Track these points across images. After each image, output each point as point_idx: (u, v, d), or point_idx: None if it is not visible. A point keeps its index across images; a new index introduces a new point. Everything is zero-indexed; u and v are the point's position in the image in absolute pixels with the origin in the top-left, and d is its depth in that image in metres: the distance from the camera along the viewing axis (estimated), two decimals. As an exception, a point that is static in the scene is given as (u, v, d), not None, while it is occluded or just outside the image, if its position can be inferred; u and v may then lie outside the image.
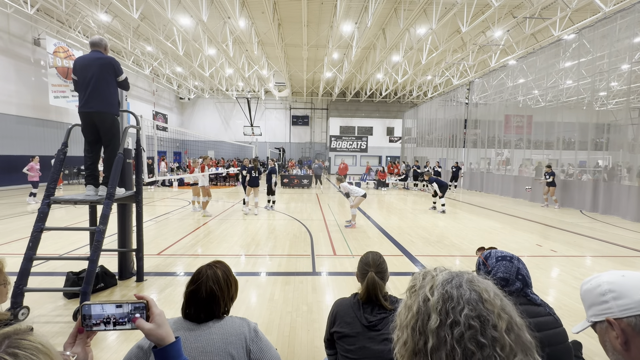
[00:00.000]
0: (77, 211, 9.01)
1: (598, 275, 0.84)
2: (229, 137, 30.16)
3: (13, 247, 5.56)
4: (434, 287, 0.68)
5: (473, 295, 0.65)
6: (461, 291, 0.65)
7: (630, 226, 8.34)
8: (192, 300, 1.32)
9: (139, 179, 4.14)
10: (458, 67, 20.64)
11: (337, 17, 13.00)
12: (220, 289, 1.33)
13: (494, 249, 1.65)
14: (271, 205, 9.99)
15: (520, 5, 13.22)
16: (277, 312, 3.40)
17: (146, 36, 17.47)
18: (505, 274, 1.46)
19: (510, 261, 1.50)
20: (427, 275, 0.73)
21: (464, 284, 0.67)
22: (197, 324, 1.28)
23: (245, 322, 1.34)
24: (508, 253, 1.54)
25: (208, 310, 1.31)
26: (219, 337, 1.25)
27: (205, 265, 1.41)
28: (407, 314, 0.70)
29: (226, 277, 1.38)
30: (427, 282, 0.71)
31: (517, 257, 1.52)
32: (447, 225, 8.17)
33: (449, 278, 0.69)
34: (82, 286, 3.07)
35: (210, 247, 5.81)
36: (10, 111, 14.23)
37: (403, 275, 4.57)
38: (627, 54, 10.28)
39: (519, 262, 1.50)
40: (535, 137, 14.18)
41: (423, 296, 0.68)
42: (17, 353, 0.55)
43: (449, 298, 0.65)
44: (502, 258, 1.51)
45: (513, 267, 1.48)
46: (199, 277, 1.35)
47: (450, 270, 0.73)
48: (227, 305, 1.37)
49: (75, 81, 3.74)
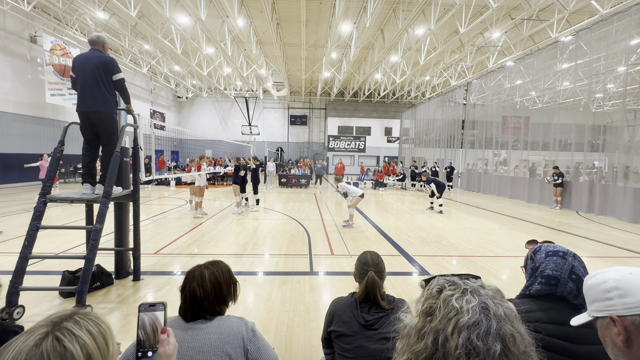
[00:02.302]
0: (74, 210, 8.96)
1: (604, 270, 0.82)
2: (226, 137, 30.10)
3: (9, 246, 5.52)
4: (457, 329, 0.60)
5: (500, 348, 0.58)
6: (488, 344, 0.57)
7: (626, 227, 8.40)
8: (181, 300, 1.34)
9: (136, 178, 4.12)
10: (456, 68, 20.71)
11: (336, 17, 13.01)
12: (203, 290, 1.30)
13: (550, 242, 1.40)
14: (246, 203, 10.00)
15: (518, 6, 13.28)
16: (275, 312, 3.39)
17: (144, 34, 17.41)
18: (556, 272, 1.25)
19: (563, 257, 1.27)
20: (450, 304, 0.64)
21: (492, 331, 0.59)
22: (193, 322, 1.29)
23: (242, 321, 1.33)
24: (562, 248, 1.32)
25: (193, 311, 1.30)
26: (216, 336, 1.25)
27: (197, 266, 1.40)
28: (417, 339, 0.64)
29: (214, 278, 1.35)
30: (449, 317, 0.62)
31: (573, 254, 1.29)
32: (444, 225, 8.19)
33: (477, 321, 0.60)
34: (78, 285, 3.05)
35: (208, 247, 5.80)
36: (7, 109, 14.13)
37: (400, 275, 4.58)
38: (623, 56, 10.35)
39: (575, 259, 1.26)
40: (532, 138, 14.27)
41: (443, 337, 0.60)
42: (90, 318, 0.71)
43: (473, 352, 0.57)
44: (554, 253, 1.29)
45: (566, 265, 1.25)
46: (186, 277, 1.37)
47: (475, 297, 0.63)
48: (214, 306, 1.33)
49: (74, 79, 3.72)
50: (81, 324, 0.69)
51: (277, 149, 31.02)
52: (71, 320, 0.69)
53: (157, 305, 0.98)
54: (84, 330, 0.68)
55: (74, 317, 0.70)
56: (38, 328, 0.66)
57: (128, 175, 4.40)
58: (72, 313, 0.71)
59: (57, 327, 0.66)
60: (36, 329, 0.66)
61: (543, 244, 1.38)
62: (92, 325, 0.70)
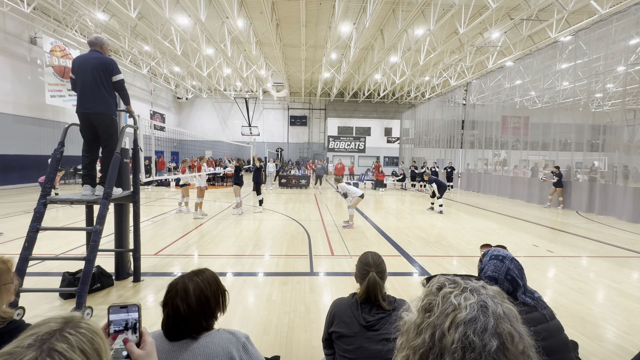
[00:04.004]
0: (74, 211, 8.95)
1: None
2: (226, 137, 30.11)
3: (8, 247, 5.52)
4: (454, 324, 0.60)
5: (496, 345, 0.57)
6: (484, 340, 0.57)
7: (626, 227, 8.40)
8: (164, 316, 1.20)
9: (136, 179, 4.12)
10: (456, 68, 20.73)
11: (336, 17, 13.01)
12: (188, 307, 1.17)
13: (503, 247, 1.61)
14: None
15: (518, 7, 13.29)
16: (275, 313, 3.39)
17: (144, 35, 17.42)
18: (494, 274, 1.45)
19: (501, 261, 1.47)
20: (448, 300, 0.64)
21: (489, 328, 0.58)
22: (177, 342, 1.16)
23: (234, 337, 1.20)
24: (503, 252, 1.52)
25: (177, 330, 1.18)
26: (202, 358, 1.13)
27: (180, 277, 1.26)
28: (415, 334, 0.64)
29: (200, 291, 1.21)
30: (446, 312, 0.62)
31: (511, 258, 1.49)
32: (444, 225, 8.19)
33: (474, 318, 0.60)
34: (78, 286, 3.05)
35: (208, 248, 5.80)
36: (7, 110, 14.13)
37: (401, 276, 4.58)
38: (622, 56, 10.36)
39: (512, 262, 1.47)
40: (532, 138, 14.27)
41: (440, 331, 0.60)
42: (82, 332, 0.65)
43: (469, 347, 0.57)
44: (495, 257, 1.50)
45: (503, 267, 1.45)
46: (169, 291, 1.22)
47: (474, 295, 0.63)
48: (201, 323, 1.20)
49: (73, 80, 3.72)
50: (73, 343, 0.61)
51: (277, 149, 31.02)
52: (62, 339, 0.61)
53: (129, 307, 0.92)
54: (77, 351, 0.61)
55: (64, 333, 0.62)
56: (24, 350, 0.58)
57: (128, 177, 4.40)
58: (62, 327, 0.64)
59: (47, 351, 0.58)
60: (23, 351, 0.58)
61: (491, 248, 1.58)
62: (86, 342, 0.63)
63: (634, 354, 2.58)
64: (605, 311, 3.60)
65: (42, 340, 0.60)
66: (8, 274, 1.44)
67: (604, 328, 3.22)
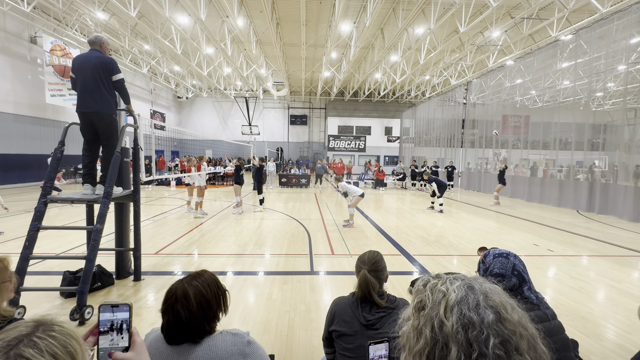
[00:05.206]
0: (74, 210, 8.96)
1: None
2: (227, 137, 30.11)
3: (9, 246, 5.53)
4: (449, 308, 0.60)
5: (493, 316, 0.58)
6: (480, 313, 0.58)
7: (626, 226, 8.39)
8: (164, 322, 1.18)
9: (136, 178, 4.12)
10: (456, 67, 20.70)
11: (336, 16, 13.00)
12: (189, 313, 1.14)
13: (496, 248, 1.69)
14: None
15: (518, 5, 13.26)
16: (275, 312, 3.39)
17: (144, 35, 17.40)
18: (501, 270, 1.50)
19: (506, 258, 1.53)
20: (436, 289, 0.65)
21: (481, 302, 0.60)
22: (178, 346, 1.14)
23: (237, 338, 1.18)
24: (505, 250, 1.58)
25: (178, 335, 1.16)
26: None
27: (179, 282, 1.23)
28: (416, 338, 0.63)
29: (201, 296, 1.18)
30: (438, 300, 0.63)
31: (514, 254, 1.56)
32: (445, 225, 8.19)
33: (464, 296, 0.61)
34: (79, 285, 3.06)
35: (208, 247, 5.80)
36: (7, 109, 14.14)
37: (401, 275, 4.58)
38: (623, 54, 10.33)
39: (516, 258, 1.54)
40: (532, 137, 14.25)
41: (438, 321, 0.60)
42: (54, 336, 0.61)
43: (469, 324, 0.57)
44: (499, 255, 1.56)
45: (509, 264, 1.51)
46: (168, 297, 1.19)
47: (458, 279, 0.65)
48: (203, 327, 1.17)
49: (73, 79, 3.72)
50: (42, 348, 0.57)
51: (277, 148, 31.02)
52: (30, 344, 0.57)
53: (120, 306, 0.91)
54: (46, 356, 0.57)
55: (33, 337, 0.59)
56: None
57: (128, 176, 4.40)
58: (31, 331, 0.60)
59: (14, 358, 0.55)
60: None
61: (490, 249, 1.64)
62: (57, 345, 0.59)
63: (634, 353, 2.59)
64: (605, 310, 3.60)
65: (9, 346, 0.56)
66: (5, 272, 1.45)
67: (604, 327, 3.22)
